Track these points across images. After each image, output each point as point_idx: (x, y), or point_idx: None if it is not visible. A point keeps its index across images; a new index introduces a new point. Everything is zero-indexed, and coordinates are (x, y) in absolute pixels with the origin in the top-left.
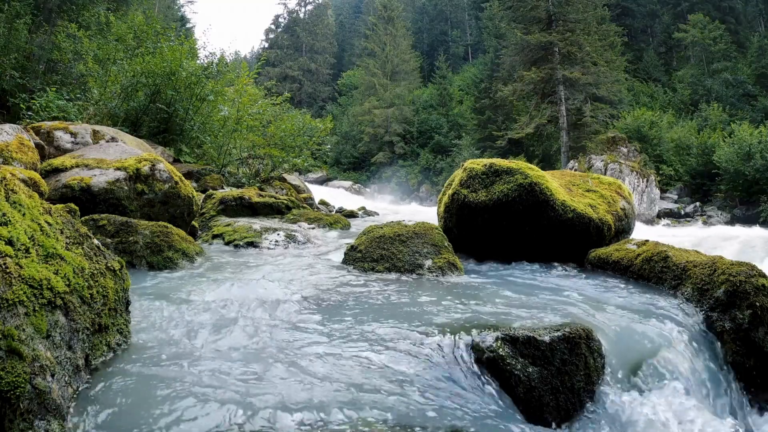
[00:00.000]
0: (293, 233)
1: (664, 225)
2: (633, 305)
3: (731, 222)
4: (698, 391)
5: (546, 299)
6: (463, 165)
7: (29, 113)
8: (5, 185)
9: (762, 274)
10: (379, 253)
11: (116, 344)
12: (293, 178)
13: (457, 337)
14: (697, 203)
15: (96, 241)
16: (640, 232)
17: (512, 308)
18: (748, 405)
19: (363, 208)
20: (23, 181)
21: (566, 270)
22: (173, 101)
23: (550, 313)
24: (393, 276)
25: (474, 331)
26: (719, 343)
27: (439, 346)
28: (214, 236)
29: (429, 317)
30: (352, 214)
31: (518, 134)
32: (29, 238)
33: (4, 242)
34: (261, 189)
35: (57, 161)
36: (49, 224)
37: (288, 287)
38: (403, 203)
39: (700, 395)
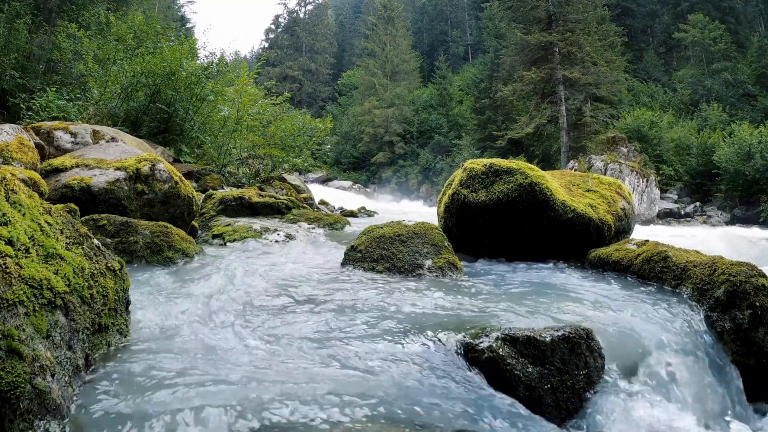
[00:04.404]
0: (293, 233)
1: (663, 224)
2: (633, 305)
3: (731, 222)
4: (698, 391)
5: (546, 299)
6: (463, 165)
7: (29, 113)
8: (5, 185)
9: (762, 274)
10: (379, 253)
11: (116, 344)
12: (293, 178)
13: (457, 337)
14: (697, 203)
15: (96, 241)
16: (640, 231)
17: (512, 308)
18: (748, 405)
19: (363, 208)
20: (23, 181)
21: (566, 270)
22: (173, 101)
23: (550, 312)
24: (393, 276)
25: (474, 331)
26: (719, 343)
27: (438, 346)
28: (214, 236)
29: (429, 317)
30: (352, 214)
31: (518, 134)
32: (29, 238)
33: (4, 242)
34: (261, 189)
35: (57, 161)
36: (49, 224)
37: (288, 287)
38: (403, 203)
39: (699, 395)
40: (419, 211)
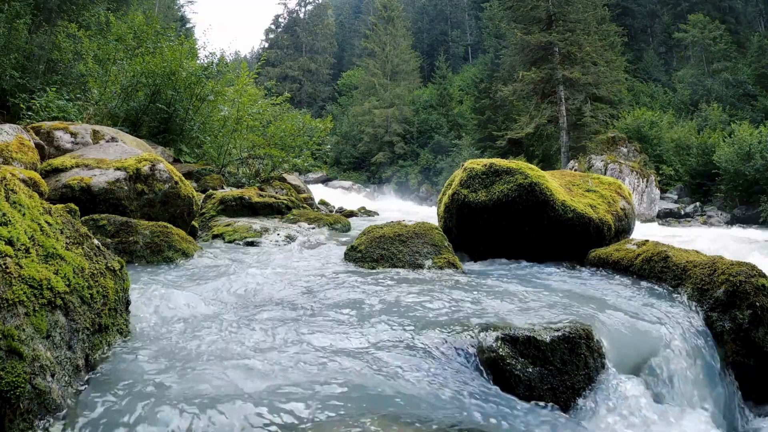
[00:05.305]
0: (293, 233)
1: (663, 224)
2: (633, 305)
3: (731, 222)
4: (697, 390)
5: (546, 299)
6: (463, 165)
7: (29, 113)
8: (5, 185)
9: (762, 274)
10: (379, 253)
11: (116, 344)
12: (293, 178)
13: (456, 337)
14: (697, 203)
15: (96, 241)
16: (640, 231)
17: (512, 308)
18: (747, 405)
19: (363, 208)
20: (23, 181)
21: (566, 270)
22: (173, 101)
23: (550, 312)
24: (393, 276)
25: (474, 331)
26: (719, 344)
27: (438, 346)
28: (214, 236)
29: (428, 317)
30: (352, 214)
31: (518, 134)
32: (29, 238)
33: (4, 242)
34: (261, 189)
35: (57, 161)
36: (49, 224)
37: (287, 287)
38: (403, 203)
39: (699, 395)
40: (419, 211)
